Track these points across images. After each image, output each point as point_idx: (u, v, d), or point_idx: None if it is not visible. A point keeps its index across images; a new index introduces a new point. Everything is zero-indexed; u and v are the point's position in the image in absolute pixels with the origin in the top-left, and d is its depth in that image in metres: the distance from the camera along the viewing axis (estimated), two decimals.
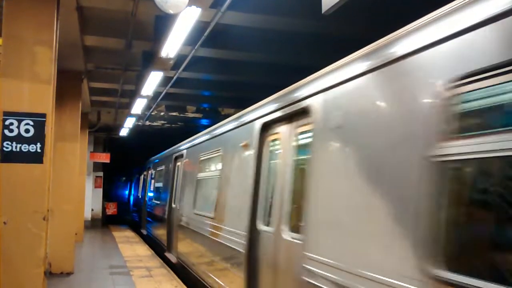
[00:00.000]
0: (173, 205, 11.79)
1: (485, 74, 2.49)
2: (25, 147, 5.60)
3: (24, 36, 5.78)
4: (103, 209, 24.67)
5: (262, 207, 5.56)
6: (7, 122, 5.58)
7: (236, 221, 6.19)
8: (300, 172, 4.70)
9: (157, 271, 10.76)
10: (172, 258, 11.35)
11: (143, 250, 14.58)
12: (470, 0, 2.73)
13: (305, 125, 4.65)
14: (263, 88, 10.64)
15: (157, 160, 16.85)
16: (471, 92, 2.61)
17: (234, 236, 6.17)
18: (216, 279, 7.21)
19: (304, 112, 4.60)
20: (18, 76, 5.74)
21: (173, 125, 21.23)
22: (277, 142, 5.42)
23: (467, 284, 2.43)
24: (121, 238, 17.91)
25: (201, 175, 9.26)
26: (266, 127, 5.69)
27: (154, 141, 23.93)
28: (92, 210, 22.05)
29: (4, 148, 5.54)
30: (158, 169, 16.41)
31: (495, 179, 2.54)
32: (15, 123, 5.60)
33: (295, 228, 4.60)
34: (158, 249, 13.92)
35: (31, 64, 5.78)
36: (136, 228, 21.38)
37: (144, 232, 18.01)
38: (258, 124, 5.86)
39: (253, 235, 5.57)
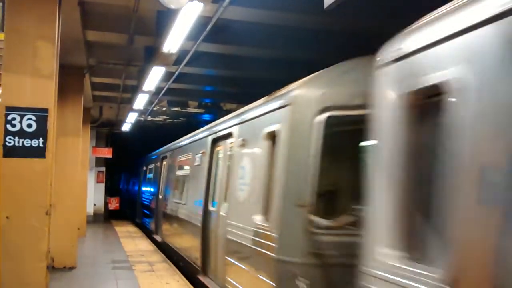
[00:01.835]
0: (160, 196, 14.20)
1: None
2: (27, 142, 5.61)
3: (26, 31, 5.78)
4: (105, 204, 24.72)
5: (211, 195, 8.38)
6: (9, 117, 5.60)
7: (197, 205, 9.02)
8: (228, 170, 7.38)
9: (159, 266, 10.79)
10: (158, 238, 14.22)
11: (145, 245, 14.62)
12: None
13: (231, 142, 7.36)
14: (265, 83, 10.64)
15: (152, 158, 18.40)
16: None
17: (196, 216, 8.97)
18: (185, 247, 10.27)
19: (230, 135, 7.36)
20: (20, 71, 5.75)
21: (175, 120, 21.24)
22: (220, 151, 8.18)
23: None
24: (123, 232, 17.95)
25: (178, 172, 12.10)
26: (215, 141, 8.46)
27: (156, 136, 23.94)
28: (95, 205, 22.10)
29: (7, 143, 5.56)
30: (149, 167, 17.95)
31: None
32: (18, 118, 5.61)
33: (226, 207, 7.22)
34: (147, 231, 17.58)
35: (33, 59, 5.79)
36: (132, 217, 22.64)
37: (138, 221, 20.09)
38: (210, 139, 8.70)
39: (206, 214, 8.43)
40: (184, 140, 11.91)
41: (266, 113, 5.80)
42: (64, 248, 10.09)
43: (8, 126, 5.58)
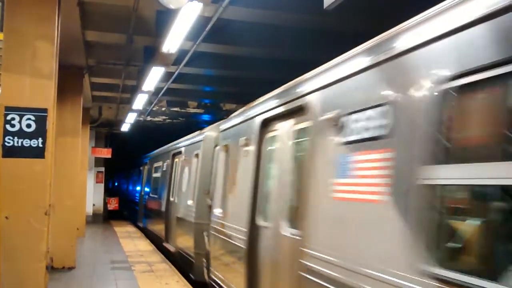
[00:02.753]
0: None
1: None
2: (26, 142, 5.60)
3: (25, 30, 5.77)
4: (104, 204, 24.71)
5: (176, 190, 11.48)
6: (8, 117, 5.58)
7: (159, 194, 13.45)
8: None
9: (159, 266, 10.78)
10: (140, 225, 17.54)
11: (145, 245, 14.61)
12: None
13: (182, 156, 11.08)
14: (264, 83, 10.62)
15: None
16: None
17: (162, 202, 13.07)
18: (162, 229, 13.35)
19: (181, 152, 10.73)
20: (19, 71, 5.73)
21: (174, 121, 21.23)
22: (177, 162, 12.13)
23: None
24: (122, 233, 17.94)
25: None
26: (174, 155, 12.69)
27: (155, 136, 23.93)
28: (94, 205, 22.09)
29: (6, 143, 5.55)
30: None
31: None
32: (17, 118, 5.60)
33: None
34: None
35: (32, 59, 5.77)
36: (133, 220, 22.79)
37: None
38: (171, 154, 12.58)
39: (168, 204, 12.41)
40: (169, 147, 14.88)
41: (195, 142, 10.54)
42: (63, 248, 10.08)
43: (7, 126, 5.57)
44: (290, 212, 4.70)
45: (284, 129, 5.02)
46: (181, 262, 10.77)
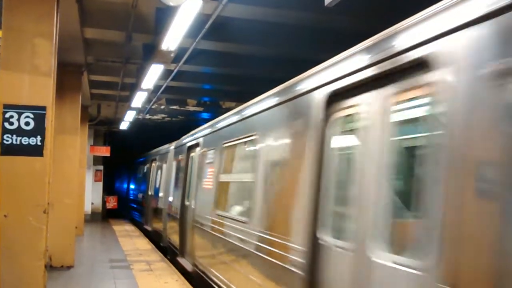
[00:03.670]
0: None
1: None
2: (25, 140, 5.56)
3: (24, 28, 5.73)
4: (103, 203, 24.66)
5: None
6: (7, 115, 5.55)
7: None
8: None
9: (158, 265, 10.76)
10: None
11: (143, 244, 14.58)
12: None
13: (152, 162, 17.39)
14: (264, 81, 10.59)
15: (141, 159, 22.53)
16: None
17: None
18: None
19: (155, 159, 17.35)
20: (18, 68, 5.69)
21: (173, 119, 21.18)
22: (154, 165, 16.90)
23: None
24: (121, 232, 17.91)
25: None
26: (152, 160, 17.33)
27: (154, 135, 23.89)
28: (92, 203, 22.04)
29: (4, 141, 5.51)
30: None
31: None
32: (15, 115, 5.56)
33: None
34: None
35: (31, 57, 5.73)
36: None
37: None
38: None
39: (147, 196, 17.73)
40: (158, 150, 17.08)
41: (165, 153, 14.57)
42: (62, 247, 10.05)
43: (6, 124, 5.53)
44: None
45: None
46: None
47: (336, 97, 3.89)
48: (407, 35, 3.04)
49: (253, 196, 5.57)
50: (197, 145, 9.78)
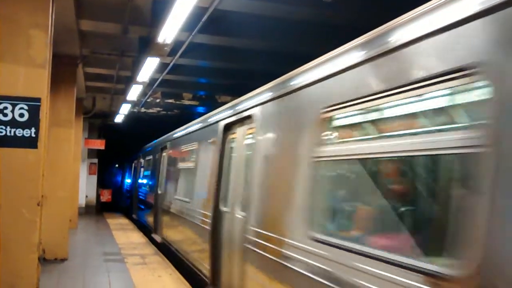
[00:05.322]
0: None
1: None
2: (19, 132, 5.52)
3: (19, 19, 5.67)
4: (97, 196, 24.61)
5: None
6: (1, 106, 5.50)
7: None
8: None
9: (152, 259, 10.75)
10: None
11: (138, 237, 14.57)
12: None
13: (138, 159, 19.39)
14: (261, 76, 10.56)
15: (136, 156, 23.12)
16: None
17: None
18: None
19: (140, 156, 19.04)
20: (13, 60, 5.64)
21: (169, 112, 21.12)
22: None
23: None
24: (115, 225, 17.88)
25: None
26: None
27: (149, 128, 23.81)
28: (87, 196, 21.99)
29: None
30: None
31: None
32: (10, 107, 5.51)
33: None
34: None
35: (26, 48, 5.68)
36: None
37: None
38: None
39: (136, 189, 19.14)
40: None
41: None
42: (56, 239, 10.02)
43: (0, 116, 5.49)
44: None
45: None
46: None
47: (228, 126, 6.86)
48: (245, 103, 6.23)
49: (193, 184, 8.84)
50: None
